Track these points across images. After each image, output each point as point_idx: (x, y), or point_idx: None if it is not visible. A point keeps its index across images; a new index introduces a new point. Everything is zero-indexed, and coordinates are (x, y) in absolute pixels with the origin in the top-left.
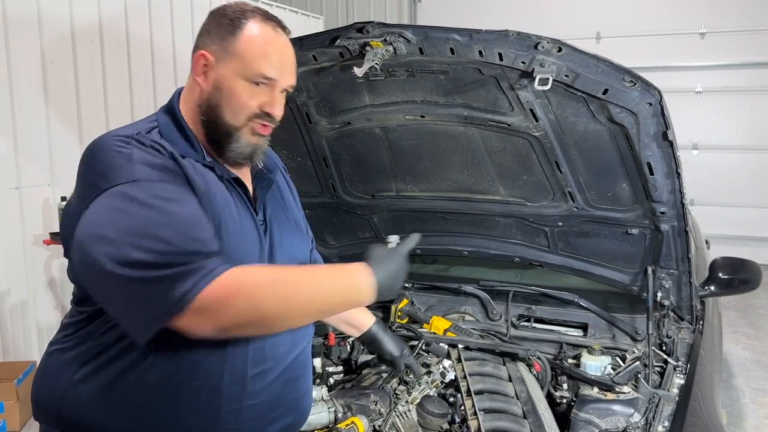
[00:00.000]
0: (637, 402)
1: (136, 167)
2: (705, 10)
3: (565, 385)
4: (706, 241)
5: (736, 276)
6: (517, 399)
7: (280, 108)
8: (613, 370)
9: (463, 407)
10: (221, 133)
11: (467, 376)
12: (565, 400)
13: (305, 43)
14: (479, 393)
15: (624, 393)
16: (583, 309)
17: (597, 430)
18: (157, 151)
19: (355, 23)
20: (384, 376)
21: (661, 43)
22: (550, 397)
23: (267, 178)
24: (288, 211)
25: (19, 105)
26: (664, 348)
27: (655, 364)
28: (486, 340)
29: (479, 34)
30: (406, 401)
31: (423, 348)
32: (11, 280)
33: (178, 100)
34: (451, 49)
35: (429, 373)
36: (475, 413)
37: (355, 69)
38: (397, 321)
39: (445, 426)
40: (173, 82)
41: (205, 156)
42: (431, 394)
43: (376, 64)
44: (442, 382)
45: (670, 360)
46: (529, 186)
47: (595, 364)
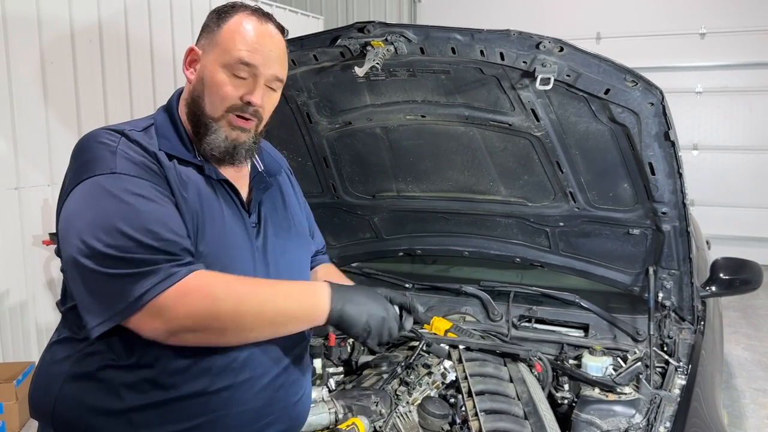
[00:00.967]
0: (639, 403)
1: (117, 160)
2: (705, 11)
3: (566, 386)
4: (707, 242)
5: (737, 276)
6: (519, 400)
7: (261, 98)
8: (615, 370)
9: (464, 408)
10: (201, 125)
11: (468, 377)
12: (566, 401)
13: (306, 43)
14: (480, 394)
15: (625, 394)
16: (585, 310)
17: (598, 431)
18: (142, 148)
19: (356, 23)
20: (385, 377)
21: (661, 44)
22: (552, 398)
23: (265, 181)
24: (289, 214)
25: (19, 105)
26: (666, 349)
27: (657, 365)
28: (487, 340)
29: (480, 33)
30: (407, 402)
31: (424, 349)
32: (10, 280)
33: (177, 99)
34: (453, 48)
35: (430, 373)
36: (476, 414)
37: (355, 69)
38: None
39: (446, 427)
40: (173, 82)
41: (197, 155)
42: (432, 394)
43: (377, 63)
44: (442, 383)
45: (671, 361)
46: (530, 186)
47: (596, 365)
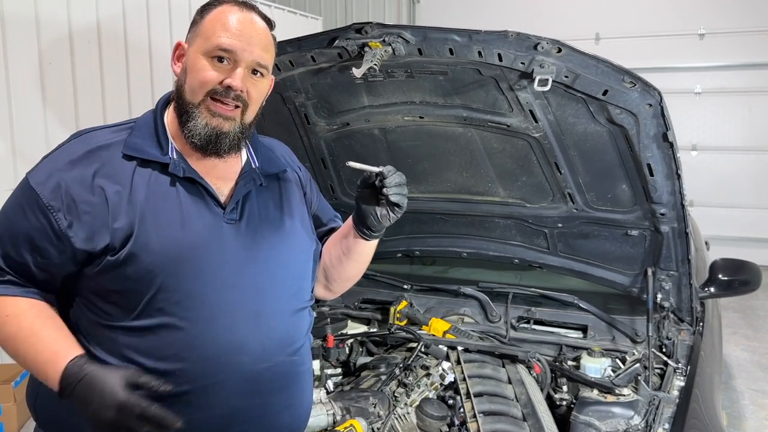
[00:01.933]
0: (637, 404)
1: (49, 162)
2: (704, 11)
3: (564, 388)
4: (706, 243)
5: (736, 277)
6: (517, 401)
7: (241, 80)
8: (613, 372)
9: (462, 409)
10: (183, 113)
11: (466, 379)
12: (564, 403)
13: (304, 43)
14: (479, 395)
15: (624, 395)
16: (583, 311)
17: None
18: (84, 159)
19: (354, 24)
20: (383, 378)
21: (660, 44)
22: (550, 400)
23: (254, 177)
24: (285, 215)
25: (17, 106)
26: (664, 350)
27: (655, 366)
28: (485, 342)
29: (478, 34)
30: (405, 404)
31: (422, 350)
32: None
33: (166, 100)
34: (450, 49)
35: (428, 375)
36: (474, 416)
37: (353, 70)
38: (396, 323)
39: (445, 428)
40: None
41: (170, 151)
42: (430, 396)
43: (375, 64)
44: (441, 385)
45: (670, 362)
46: (529, 187)
47: (595, 366)
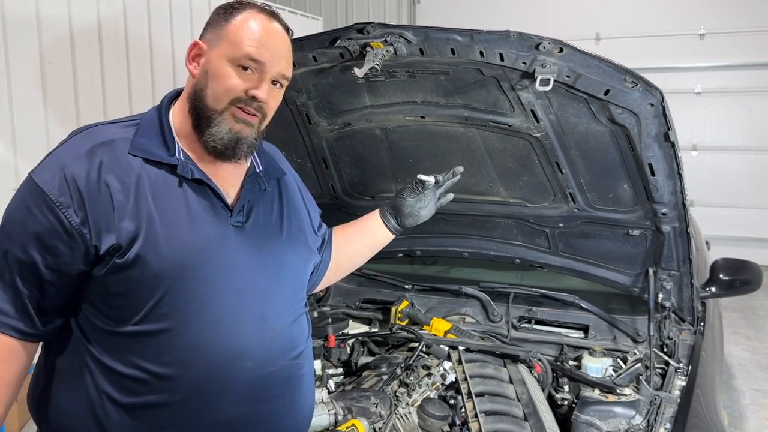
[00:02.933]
0: (639, 404)
1: (53, 158)
2: (704, 11)
3: (566, 387)
4: (707, 243)
5: (737, 277)
6: (518, 401)
7: (266, 93)
8: (615, 371)
9: (463, 409)
10: (203, 118)
11: (468, 378)
12: (566, 402)
13: (305, 43)
14: (480, 395)
15: (625, 395)
16: (584, 311)
17: None
18: (88, 154)
19: (356, 24)
20: (384, 378)
21: (660, 44)
22: (551, 399)
23: (259, 181)
24: (284, 220)
25: (18, 106)
26: (666, 349)
27: (657, 366)
28: (487, 341)
29: (480, 34)
30: (407, 403)
31: (423, 350)
32: None
33: (170, 99)
34: (452, 49)
35: (429, 375)
36: (475, 415)
37: (355, 70)
38: (397, 323)
39: (446, 428)
40: (172, 83)
41: (176, 152)
42: (432, 396)
43: (377, 64)
44: (442, 384)
45: (671, 362)
46: (530, 187)
47: (596, 366)
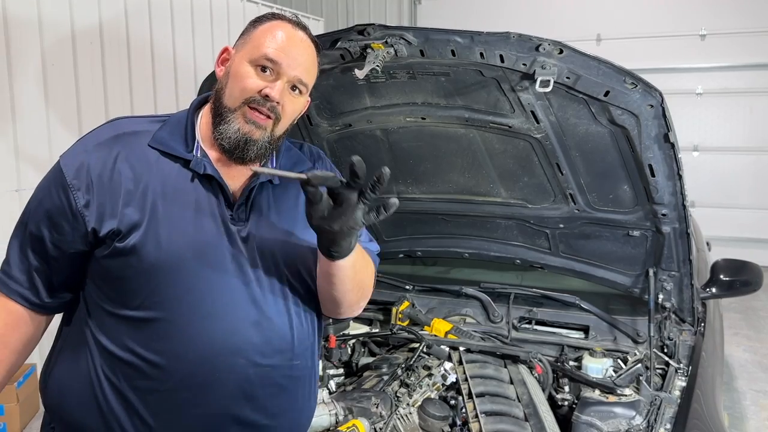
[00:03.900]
0: (639, 404)
1: (80, 144)
2: (705, 12)
3: (566, 388)
4: (707, 243)
5: (738, 278)
6: (519, 401)
7: (280, 92)
8: (615, 372)
9: (464, 410)
10: (218, 115)
11: (468, 379)
12: (566, 403)
13: None
14: (480, 395)
15: (626, 395)
16: (585, 311)
17: None
18: (109, 143)
19: (356, 25)
20: (385, 378)
21: (661, 45)
22: (552, 400)
23: (267, 176)
24: (293, 216)
25: (20, 107)
26: (666, 350)
27: (657, 367)
28: (487, 342)
29: (480, 35)
30: (408, 404)
31: (424, 350)
32: None
33: (202, 101)
34: (452, 51)
35: (430, 375)
36: (476, 416)
37: (356, 71)
38: (398, 323)
39: (447, 429)
40: (173, 84)
41: (195, 150)
42: (432, 396)
43: (377, 66)
44: (443, 385)
45: (671, 362)
46: (530, 188)
47: (596, 367)
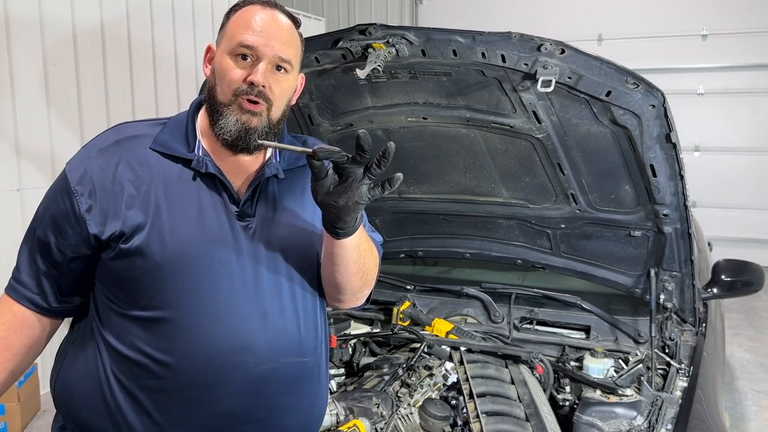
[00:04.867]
0: (640, 405)
1: (84, 151)
2: (707, 12)
3: (567, 388)
4: (709, 244)
5: (739, 278)
6: (520, 402)
7: (262, 76)
8: (616, 372)
9: (465, 410)
10: (214, 113)
11: (469, 379)
12: (567, 403)
13: (308, 45)
14: (481, 396)
15: (627, 396)
16: (586, 311)
17: None
18: (111, 148)
19: (358, 25)
20: (386, 378)
21: (662, 45)
22: (553, 400)
23: (271, 170)
24: (299, 210)
25: (21, 107)
26: (667, 350)
27: (658, 367)
28: (488, 342)
29: (482, 35)
30: (408, 404)
31: (425, 350)
32: None
33: (200, 101)
34: (454, 50)
35: (431, 375)
36: (477, 416)
37: (357, 71)
38: (399, 323)
39: (447, 429)
40: (175, 84)
41: (196, 149)
42: (433, 396)
43: (379, 66)
44: (444, 385)
45: (673, 363)
46: (532, 188)
47: (597, 367)
